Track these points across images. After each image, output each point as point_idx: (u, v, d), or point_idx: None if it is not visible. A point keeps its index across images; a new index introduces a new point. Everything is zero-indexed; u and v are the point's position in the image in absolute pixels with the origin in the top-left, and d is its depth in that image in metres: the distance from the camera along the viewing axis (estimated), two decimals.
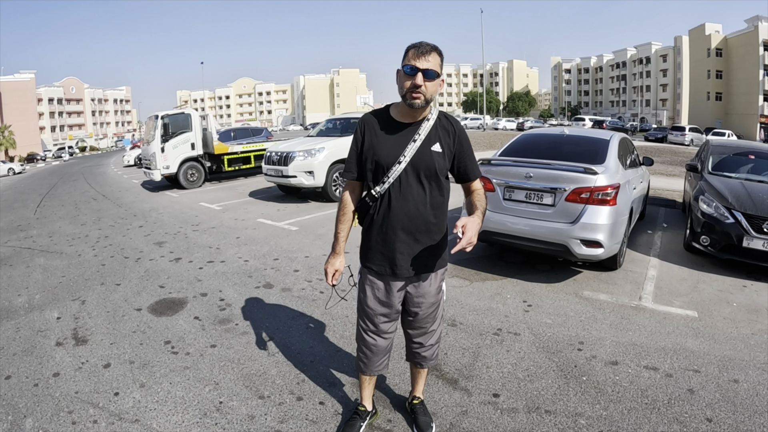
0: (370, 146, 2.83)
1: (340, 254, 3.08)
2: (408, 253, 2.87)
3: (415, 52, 2.59)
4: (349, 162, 2.96)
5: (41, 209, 15.39)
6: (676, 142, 42.22)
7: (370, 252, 2.98)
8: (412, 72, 2.58)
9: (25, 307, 6.07)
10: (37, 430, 3.55)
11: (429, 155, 2.75)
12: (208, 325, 5.24)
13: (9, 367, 4.51)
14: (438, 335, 3.24)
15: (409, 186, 2.78)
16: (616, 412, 3.49)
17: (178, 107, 19.05)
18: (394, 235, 2.85)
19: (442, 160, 2.79)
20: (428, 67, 2.57)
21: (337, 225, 3.06)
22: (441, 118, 2.85)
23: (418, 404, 3.49)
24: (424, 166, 2.75)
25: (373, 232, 2.94)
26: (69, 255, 8.66)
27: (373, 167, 2.83)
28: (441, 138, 2.80)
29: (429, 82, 2.60)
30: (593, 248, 5.77)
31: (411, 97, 2.62)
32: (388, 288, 2.97)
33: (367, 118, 2.93)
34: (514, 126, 66.71)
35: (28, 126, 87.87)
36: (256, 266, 7.27)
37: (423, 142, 2.75)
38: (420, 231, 2.85)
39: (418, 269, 2.91)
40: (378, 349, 3.13)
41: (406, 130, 2.79)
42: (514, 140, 7.59)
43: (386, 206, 2.83)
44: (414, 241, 2.86)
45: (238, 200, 14.23)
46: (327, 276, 3.06)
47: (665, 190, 12.66)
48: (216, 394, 3.90)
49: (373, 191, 2.84)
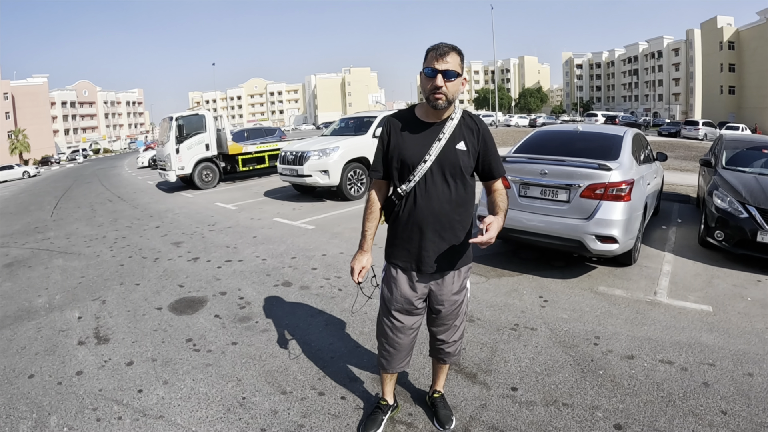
0: (396, 146, 2.89)
1: (367, 252, 3.10)
2: (433, 250, 2.91)
3: (434, 54, 2.64)
4: (376, 161, 3.02)
5: (57, 211, 15.55)
6: (689, 137, 41.75)
7: (396, 249, 3.03)
8: (432, 74, 2.63)
9: (46, 308, 6.17)
10: (62, 427, 3.63)
11: (454, 153, 2.80)
12: (229, 323, 5.31)
13: (32, 366, 4.60)
14: (461, 331, 3.29)
15: (434, 184, 2.82)
16: (632, 405, 3.52)
17: (192, 109, 19.16)
18: (419, 233, 2.89)
19: (467, 158, 2.83)
20: (447, 68, 2.62)
21: (365, 223, 3.09)
22: (465, 117, 2.89)
23: (438, 398, 3.52)
24: (450, 164, 2.80)
25: (399, 229, 2.98)
26: (87, 256, 8.77)
27: (399, 166, 2.88)
28: (465, 136, 2.84)
29: (449, 82, 2.65)
30: (608, 244, 5.80)
31: (434, 98, 2.68)
32: (412, 285, 3.01)
33: (393, 118, 2.98)
34: (526, 123, 66.37)
35: (41, 129, 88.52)
36: (273, 265, 7.34)
37: (448, 141, 2.79)
38: (445, 229, 2.89)
39: (442, 266, 2.96)
40: (401, 347, 3.17)
41: (431, 130, 2.83)
42: (529, 137, 7.62)
43: (412, 204, 2.88)
44: (439, 238, 2.90)
45: (254, 200, 14.30)
46: (353, 273, 3.07)
47: (679, 185, 12.62)
48: (239, 390, 3.97)
49: (399, 189, 2.89)
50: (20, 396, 4.09)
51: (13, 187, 33.98)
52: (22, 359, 4.78)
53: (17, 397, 4.08)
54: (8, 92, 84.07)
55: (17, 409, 3.89)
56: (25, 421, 3.73)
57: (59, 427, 3.63)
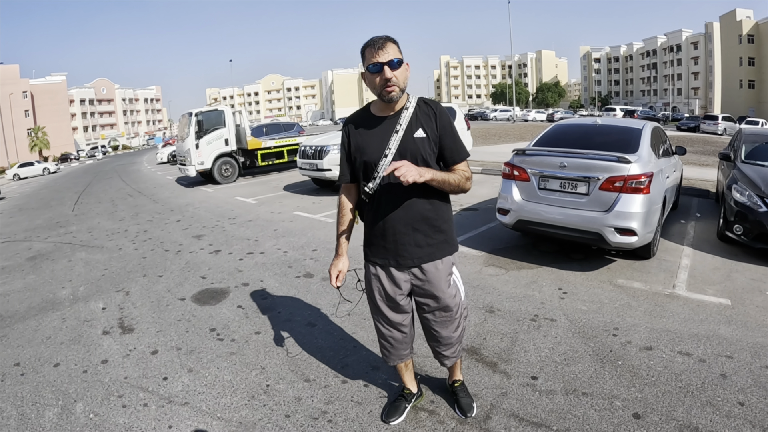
0: (356, 146, 2.90)
1: (342, 255, 3.10)
2: (408, 243, 2.90)
3: (372, 49, 2.63)
4: (341, 167, 3.04)
5: (79, 206, 15.78)
6: (709, 132, 41.18)
7: (373, 247, 3.04)
8: (378, 68, 2.63)
9: (70, 299, 6.30)
10: (88, 413, 3.73)
11: (413, 143, 2.77)
12: (252, 313, 5.40)
13: (57, 356, 4.72)
14: (458, 337, 3.25)
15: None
16: (650, 395, 3.55)
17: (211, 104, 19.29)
18: (392, 228, 2.88)
19: (428, 144, 2.79)
20: (389, 57, 2.61)
21: (338, 227, 3.13)
22: (421, 105, 2.86)
23: (459, 386, 3.55)
24: (410, 154, 2.75)
25: (373, 227, 2.99)
26: (110, 249, 8.92)
27: (363, 165, 2.88)
28: (423, 123, 2.80)
29: (396, 70, 2.65)
30: (627, 236, 5.81)
31: (387, 92, 2.68)
32: (393, 280, 3.01)
33: (349, 120, 3.00)
34: (543, 117, 65.62)
35: (60, 127, 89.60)
36: (295, 257, 7.41)
37: (405, 131, 2.77)
38: (416, 220, 2.87)
39: (421, 258, 2.93)
40: (396, 341, 3.20)
41: (387, 124, 2.82)
42: (548, 130, 7.63)
43: (380, 201, 2.87)
44: (413, 230, 2.88)
45: (273, 194, 14.41)
46: (330, 278, 3.10)
47: (698, 180, 12.51)
48: (263, 378, 4.05)
49: (366, 188, 2.86)
50: (46, 384, 4.20)
51: (33, 183, 34.51)
52: (47, 348, 4.90)
53: (43, 384, 4.19)
54: (27, 90, 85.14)
55: (43, 397, 4.00)
56: (51, 408, 3.83)
57: (85, 414, 3.72)
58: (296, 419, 3.50)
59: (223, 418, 3.57)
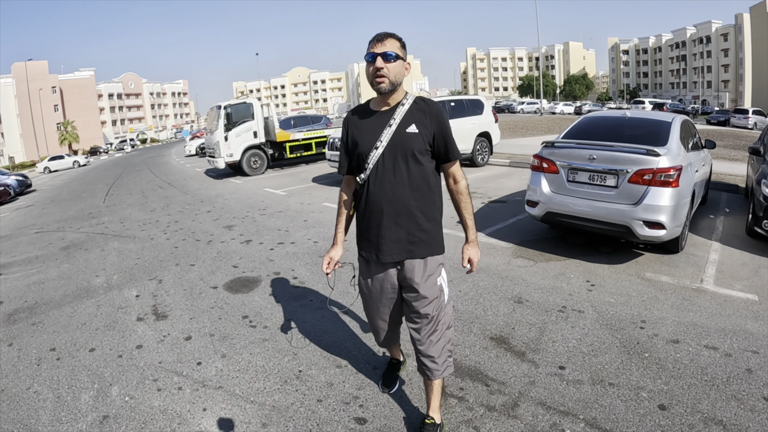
0: (352, 138, 2.97)
1: (336, 245, 3.21)
2: (389, 237, 2.90)
3: (373, 41, 2.73)
4: (340, 158, 3.10)
5: (110, 198, 16.10)
6: (739, 126, 40.35)
7: (361, 239, 3.10)
8: (371, 58, 2.71)
9: (104, 287, 6.48)
10: (124, 396, 3.86)
11: (405, 137, 2.80)
12: (284, 301, 5.52)
13: (92, 341, 4.88)
14: (442, 345, 3.06)
15: (385, 169, 2.84)
16: (676, 387, 3.57)
17: (239, 97, 19.50)
18: (377, 221, 2.91)
19: (421, 141, 2.82)
20: (385, 50, 2.68)
21: (336, 218, 3.25)
22: (418, 102, 2.90)
23: (430, 425, 3.16)
24: (401, 148, 2.81)
25: (361, 219, 3.04)
26: (142, 239, 9.12)
27: (356, 157, 2.94)
28: (417, 119, 2.83)
29: (389, 63, 2.70)
30: (655, 230, 5.80)
31: (376, 82, 2.74)
32: (377, 273, 3.06)
33: (348, 114, 3.08)
34: (571, 110, 64.72)
35: (89, 121, 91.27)
36: (325, 247, 7.47)
37: (399, 126, 2.81)
38: (400, 215, 2.87)
39: (401, 254, 2.92)
40: (382, 331, 3.30)
41: (382, 117, 2.87)
42: (577, 123, 7.63)
43: (367, 192, 2.92)
44: (395, 225, 2.88)
45: (302, 186, 14.53)
46: (323, 264, 3.18)
47: (728, 174, 12.34)
48: (295, 364, 4.16)
49: (358, 179, 2.94)
50: (82, 368, 4.35)
51: (64, 176, 35.10)
52: (83, 334, 5.07)
53: (79, 369, 4.35)
54: (56, 86, 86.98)
55: (79, 380, 4.15)
56: (87, 391, 3.98)
57: (121, 397, 3.86)
58: (328, 404, 3.59)
59: (256, 401, 3.67)
